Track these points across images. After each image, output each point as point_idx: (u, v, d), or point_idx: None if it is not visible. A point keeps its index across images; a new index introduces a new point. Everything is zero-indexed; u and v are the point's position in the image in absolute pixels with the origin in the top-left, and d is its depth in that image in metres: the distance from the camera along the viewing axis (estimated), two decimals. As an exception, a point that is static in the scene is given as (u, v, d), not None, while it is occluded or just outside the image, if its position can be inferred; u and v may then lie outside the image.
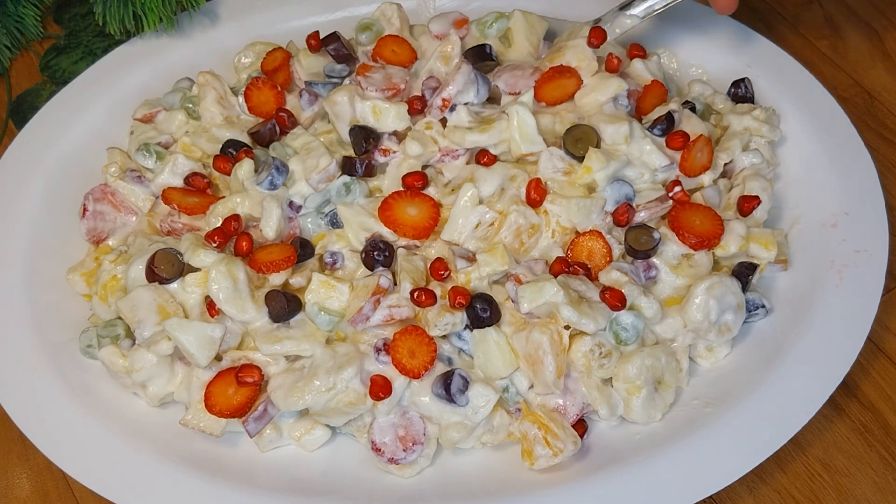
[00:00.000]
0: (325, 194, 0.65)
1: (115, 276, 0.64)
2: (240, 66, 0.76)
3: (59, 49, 0.85)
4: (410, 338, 0.58)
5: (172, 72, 0.78)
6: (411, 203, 0.64)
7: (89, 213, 0.68)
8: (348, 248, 0.64)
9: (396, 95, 0.68)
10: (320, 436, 0.61)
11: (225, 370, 0.60)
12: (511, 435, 0.60)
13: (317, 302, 0.61)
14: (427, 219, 0.63)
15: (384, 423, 0.59)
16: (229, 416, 0.59)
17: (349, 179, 0.65)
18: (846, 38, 0.86)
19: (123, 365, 0.61)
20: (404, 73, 0.70)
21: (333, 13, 0.81)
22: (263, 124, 0.69)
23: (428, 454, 0.59)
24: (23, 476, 0.64)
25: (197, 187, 0.68)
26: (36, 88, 0.84)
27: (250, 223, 0.65)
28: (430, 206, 0.64)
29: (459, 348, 0.61)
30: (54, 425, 0.60)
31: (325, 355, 0.59)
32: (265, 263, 0.61)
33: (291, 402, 0.58)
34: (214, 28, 0.81)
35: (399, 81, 0.68)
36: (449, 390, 0.58)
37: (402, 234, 0.63)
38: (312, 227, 0.66)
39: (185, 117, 0.72)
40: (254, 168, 0.65)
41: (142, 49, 0.79)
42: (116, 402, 0.62)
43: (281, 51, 0.74)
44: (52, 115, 0.75)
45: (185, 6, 0.79)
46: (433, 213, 0.64)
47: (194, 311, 0.61)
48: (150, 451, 0.59)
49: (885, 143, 0.78)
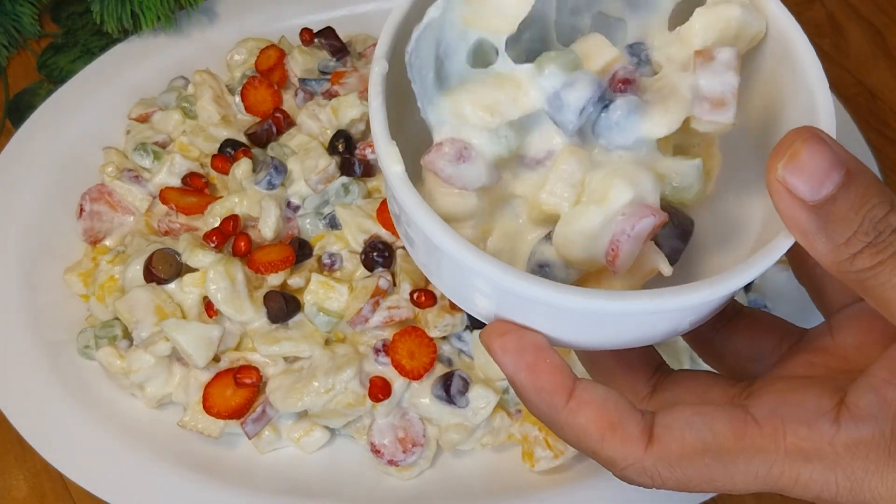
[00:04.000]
0: (324, 195, 0.65)
1: (112, 277, 0.64)
2: (232, 64, 0.76)
3: (56, 47, 0.85)
4: (410, 339, 0.58)
5: (171, 70, 0.77)
6: None
7: (86, 214, 0.68)
8: (347, 250, 0.64)
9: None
10: (319, 437, 0.60)
11: (223, 371, 0.60)
12: (511, 436, 0.60)
13: (315, 303, 0.60)
14: None
15: (383, 425, 0.59)
16: (227, 417, 0.59)
17: (347, 180, 0.65)
18: (848, 36, 0.85)
19: (121, 366, 0.61)
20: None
21: (332, 11, 0.81)
22: (260, 124, 0.69)
23: (428, 456, 0.59)
24: (20, 477, 0.64)
25: (195, 187, 0.68)
26: (33, 87, 0.83)
27: (248, 223, 0.65)
28: None
29: (459, 349, 0.60)
30: (52, 426, 0.60)
31: (324, 356, 0.59)
32: (263, 264, 0.61)
33: (290, 403, 0.57)
34: (213, 26, 0.81)
35: None
36: (449, 392, 0.57)
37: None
38: (311, 227, 0.66)
39: (181, 116, 0.72)
40: (252, 168, 0.65)
41: (140, 48, 0.79)
42: (114, 403, 0.62)
43: (274, 48, 0.74)
44: (49, 114, 0.74)
45: (183, 4, 0.79)
46: None
47: (192, 311, 0.61)
48: (148, 453, 0.59)
49: (888, 143, 0.78)
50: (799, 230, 0.31)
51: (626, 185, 0.33)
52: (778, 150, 0.30)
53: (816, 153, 0.30)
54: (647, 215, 0.33)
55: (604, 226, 0.33)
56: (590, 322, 0.34)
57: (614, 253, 0.33)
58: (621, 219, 0.33)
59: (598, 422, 0.32)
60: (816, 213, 0.30)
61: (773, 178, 0.30)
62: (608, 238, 0.33)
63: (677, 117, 0.34)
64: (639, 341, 0.35)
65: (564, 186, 0.34)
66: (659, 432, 0.32)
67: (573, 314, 0.33)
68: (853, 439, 0.31)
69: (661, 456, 0.32)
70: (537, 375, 0.33)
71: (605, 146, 0.35)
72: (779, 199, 0.30)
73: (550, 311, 0.33)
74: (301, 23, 0.79)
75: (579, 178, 0.34)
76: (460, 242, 0.32)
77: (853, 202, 0.30)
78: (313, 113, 0.68)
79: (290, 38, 0.77)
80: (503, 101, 0.34)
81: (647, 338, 0.35)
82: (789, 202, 0.30)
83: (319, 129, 0.68)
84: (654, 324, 0.34)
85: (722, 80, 0.34)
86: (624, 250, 0.33)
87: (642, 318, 0.33)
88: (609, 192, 0.33)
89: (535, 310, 0.33)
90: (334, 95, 0.70)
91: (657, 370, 0.38)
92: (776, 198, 0.30)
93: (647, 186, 0.33)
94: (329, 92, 0.70)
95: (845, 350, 0.35)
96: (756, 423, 0.32)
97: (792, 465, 0.31)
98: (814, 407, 0.32)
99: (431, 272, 0.36)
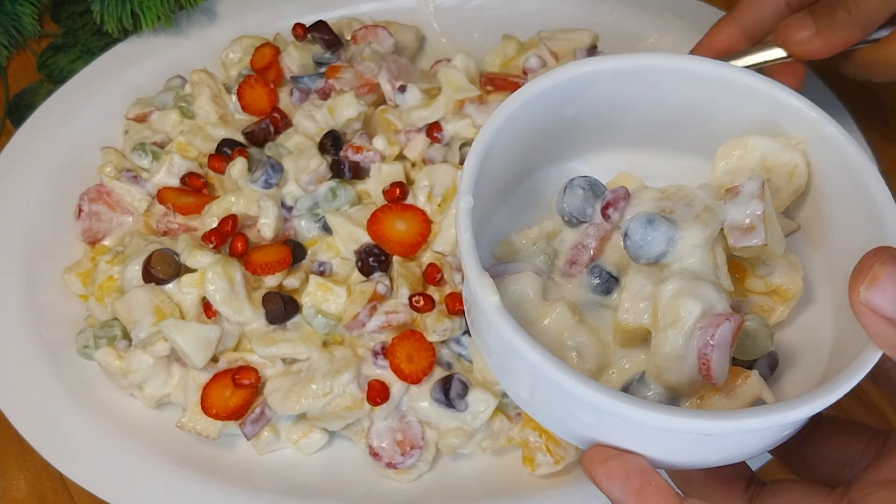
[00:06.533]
0: (315, 196, 0.65)
1: (111, 277, 0.63)
2: (228, 63, 0.76)
3: (56, 47, 0.85)
4: (409, 343, 0.58)
5: (171, 71, 0.77)
6: (401, 217, 0.62)
7: (84, 214, 0.68)
8: (339, 258, 0.63)
9: (371, 91, 0.68)
10: (318, 439, 0.60)
11: (221, 372, 0.60)
12: (511, 440, 0.59)
13: (314, 305, 0.60)
14: (415, 235, 0.62)
15: (382, 428, 0.59)
16: (226, 418, 0.59)
17: (335, 184, 0.64)
18: (849, 36, 0.85)
19: (120, 366, 0.61)
20: (374, 67, 0.70)
21: (332, 11, 0.81)
22: (257, 124, 0.69)
23: (427, 459, 0.59)
24: (20, 477, 0.64)
25: (193, 187, 0.67)
26: (33, 87, 0.83)
27: (245, 223, 0.65)
28: (420, 222, 0.62)
29: (458, 353, 0.60)
30: (51, 426, 0.60)
31: (322, 359, 0.59)
32: (260, 265, 0.61)
33: (288, 405, 0.57)
34: (213, 26, 0.81)
35: (371, 77, 0.69)
36: (448, 395, 0.57)
37: (390, 249, 0.62)
38: (307, 228, 0.65)
39: (179, 116, 0.72)
40: (248, 167, 0.65)
41: (140, 48, 0.79)
42: (114, 403, 0.62)
43: (269, 46, 0.74)
44: (49, 114, 0.74)
45: (183, 4, 0.79)
46: (422, 229, 0.62)
47: (191, 312, 0.61)
48: (147, 453, 0.59)
49: (889, 143, 0.77)
50: (888, 345, 0.33)
51: (693, 300, 0.35)
52: (858, 273, 0.33)
53: (895, 273, 0.32)
54: (723, 321, 0.35)
55: (687, 344, 0.35)
56: (693, 442, 0.35)
57: (706, 366, 0.35)
58: (699, 333, 0.35)
59: None
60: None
61: (856, 299, 0.32)
62: (695, 355, 0.35)
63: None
64: (735, 458, 0.37)
65: (640, 301, 0.37)
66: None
67: (679, 435, 0.34)
68: None
69: None
70: (647, 500, 0.34)
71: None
72: (864, 318, 0.33)
73: (654, 433, 0.34)
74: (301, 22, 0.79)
75: (650, 290, 0.36)
76: (566, 369, 0.33)
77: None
78: (309, 113, 0.68)
79: (286, 36, 0.77)
80: None
81: (743, 454, 0.37)
82: (874, 320, 0.32)
83: (316, 130, 0.68)
84: (753, 440, 0.36)
85: (748, 209, 0.37)
86: (714, 360, 0.35)
87: (746, 436, 0.35)
88: (679, 311, 0.35)
89: (637, 432, 0.34)
90: (329, 93, 0.69)
91: (751, 482, 0.39)
92: (861, 317, 0.33)
93: (713, 296, 0.35)
94: (324, 90, 0.70)
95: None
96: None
97: None
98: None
99: (522, 398, 0.38)
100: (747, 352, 0.39)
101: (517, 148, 0.41)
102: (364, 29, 0.75)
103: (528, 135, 0.41)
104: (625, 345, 0.38)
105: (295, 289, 0.62)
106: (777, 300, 0.41)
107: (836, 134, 0.40)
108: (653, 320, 0.36)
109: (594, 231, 0.39)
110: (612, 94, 0.41)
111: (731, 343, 0.35)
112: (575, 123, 0.42)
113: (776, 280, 0.40)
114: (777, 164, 0.40)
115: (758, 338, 0.39)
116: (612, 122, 0.43)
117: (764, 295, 0.41)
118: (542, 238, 0.41)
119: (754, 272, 0.41)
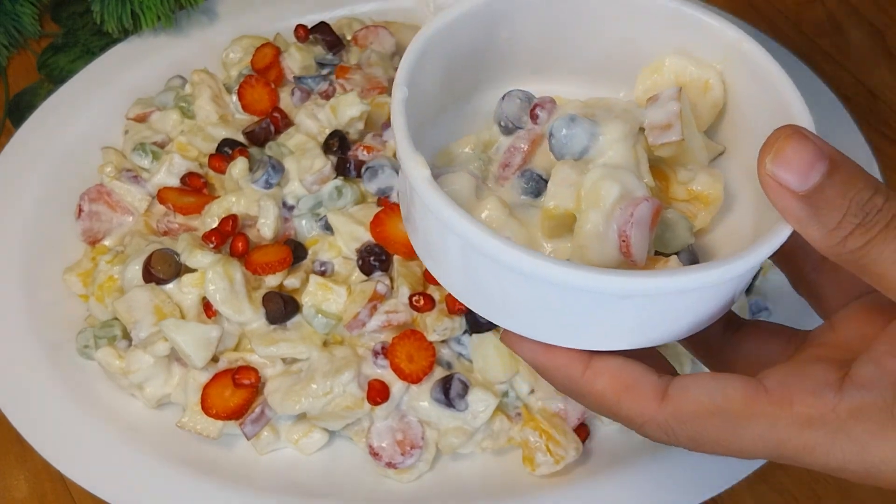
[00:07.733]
0: (318, 196, 0.65)
1: (111, 277, 0.63)
2: (228, 62, 0.76)
3: (56, 47, 0.85)
4: (409, 342, 0.58)
5: (171, 70, 0.77)
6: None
7: (85, 214, 0.68)
8: (340, 257, 0.63)
9: (382, 93, 0.68)
10: (318, 439, 0.60)
11: (221, 372, 0.60)
12: (511, 440, 0.60)
13: (314, 304, 0.60)
14: None
15: (382, 428, 0.59)
16: (226, 418, 0.59)
17: (340, 182, 0.64)
18: (848, 36, 0.85)
19: (120, 366, 0.61)
20: (383, 69, 0.70)
21: (333, 10, 0.81)
22: (258, 124, 0.69)
23: (427, 459, 0.59)
24: (20, 477, 0.64)
25: (193, 187, 0.67)
26: (33, 87, 0.83)
27: (245, 223, 0.65)
28: None
29: (458, 353, 0.60)
30: (52, 426, 0.60)
31: (323, 359, 0.59)
32: (260, 265, 0.61)
33: (288, 405, 0.57)
34: (213, 26, 0.81)
35: (382, 78, 0.68)
36: (448, 395, 0.57)
37: (394, 250, 0.62)
38: (307, 228, 0.65)
39: (179, 116, 0.72)
40: (248, 167, 0.65)
41: (140, 48, 0.79)
42: (114, 403, 0.62)
43: (269, 46, 0.74)
44: (49, 114, 0.74)
45: (183, 4, 0.79)
46: None
47: (191, 311, 0.61)
48: (147, 453, 0.59)
49: (888, 143, 0.77)
50: (793, 218, 0.33)
51: (613, 181, 0.37)
52: (765, 147, 0.33)
53: (799, 147, 0.32)
54: (642, 202, 0.36)
55: (607, 223, 0.36)
56: (616, 306, 0.35)
57: (626, 243, 0.36)
58: (619, 212, 0.36)
59: (614, 385, 0.36)
60: (807, 202, 0.32)
61: (763, 172, 0.33)
62: (615, 234, 0.36)
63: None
64: (663, 334, 0.37)
65: (565, 188, 0.38)
66: (674, 392, 0.35)
67: (607, 299, 0.35)
68: (856, 405, 0.33)
69: (674, 413, 0.35)
70: (554, 355, 0.36)
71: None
72: (771, 191, 0.33)
73: (589, 300, 0.35)
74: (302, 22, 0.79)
75: (575, 178, 0.38)
76: (496, 236, 0.34)
77: (839, 189, 0.32)
78: (312, 112, 0.68)
79: (286, 36, 0.77)
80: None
81: (672, 330, 0.37)
82: (780, 193, 0.33)
83: (318, 129, 0.68)
84: (676, 310, 0.36)
85: (665, 108, 0.40)
86: (633, 237, 0.36)
87: (669, 301, 0.36)
88: (600, 191, 0.37)
89: (575, 303, 0.35)
90: (332, 94, 0.69)
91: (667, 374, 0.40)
92: (768, 191, 0.33)
93: (632, 182, 0.37)
94: (326, 92, 0.70)
95: (848, 342, 0.37)
96: (765, 391, 0.34)
97: (798, 431, 0.33)
98: (819, 379, 0.34)
99: (453, 282, 0.39)
100: (668, 244, 0.40)
101: (455, 65, 0.42)
102: (365, 29, 0.75)
103: (464, 53, 0.42)
104: (552, 234, 0.39)
105: (295, 289, 0.62)
106: (699, 206, 0.42)
107: (754, 51, 0.41)
108: (577, 204, 0.38)
109: (526, 135, 0.42)
110: (545, 21, 0.43)
111: (650, 224, 0.37)
112: (511, 48, 0.44)
113: (698, 187, 0.41)
114: (690, 80, 0.42)
115: (677, 229, 0.40)
116: (546, 52, 0.44)
117: (686, 202, 0.42)
118: (479, 146, 0.43)
119: (677, 178, 0.42)
